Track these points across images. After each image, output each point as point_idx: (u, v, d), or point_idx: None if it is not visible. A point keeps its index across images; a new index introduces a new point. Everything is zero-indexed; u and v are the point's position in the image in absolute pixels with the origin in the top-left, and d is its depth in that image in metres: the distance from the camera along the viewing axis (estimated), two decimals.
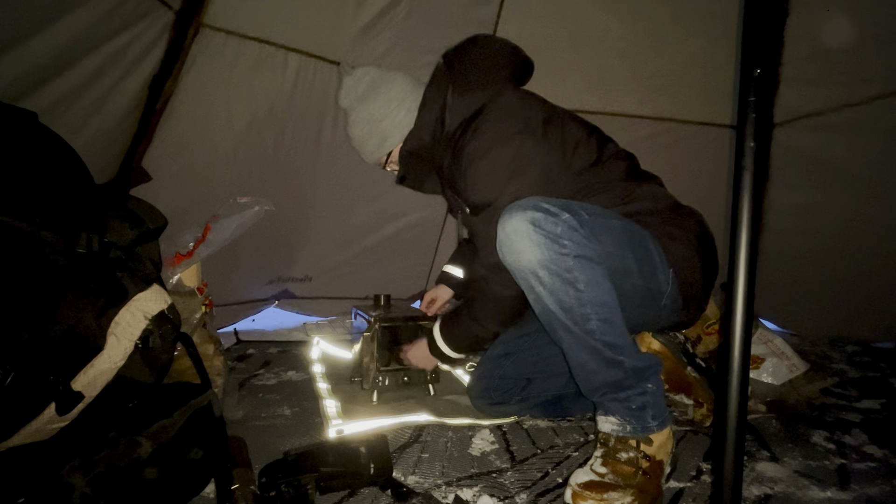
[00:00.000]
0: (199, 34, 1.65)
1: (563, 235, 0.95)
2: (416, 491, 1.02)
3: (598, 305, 0.97)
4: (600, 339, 0.97)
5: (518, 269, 0.99)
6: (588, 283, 0.96)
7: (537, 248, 0.95)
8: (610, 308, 0.98)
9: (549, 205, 0.97)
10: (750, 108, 0.65)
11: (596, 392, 1.02)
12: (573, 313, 0.97)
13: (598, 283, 0.97)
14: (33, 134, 0.99)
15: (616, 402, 1.00)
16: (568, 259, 0.95)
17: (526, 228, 0.95)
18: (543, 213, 0.96)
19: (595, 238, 0.99)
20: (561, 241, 0.95)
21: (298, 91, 1.94)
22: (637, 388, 0.99)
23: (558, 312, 0.98)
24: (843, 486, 1.09)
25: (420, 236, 2.57)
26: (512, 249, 0.98)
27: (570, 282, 0.95)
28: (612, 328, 0.98)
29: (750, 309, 0.65)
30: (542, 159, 1.16)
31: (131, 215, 1.03)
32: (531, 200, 0.99)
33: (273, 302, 2.42)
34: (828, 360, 2.09)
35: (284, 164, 2.09)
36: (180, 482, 0.93)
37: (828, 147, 2.16)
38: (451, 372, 1.77)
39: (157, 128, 1.72)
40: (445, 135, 1.26)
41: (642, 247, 1.08)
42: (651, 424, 0.99)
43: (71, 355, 0.89)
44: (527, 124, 1.18)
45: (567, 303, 0.96)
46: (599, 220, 1.03)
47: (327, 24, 1.85)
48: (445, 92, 1.25)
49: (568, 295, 0.96)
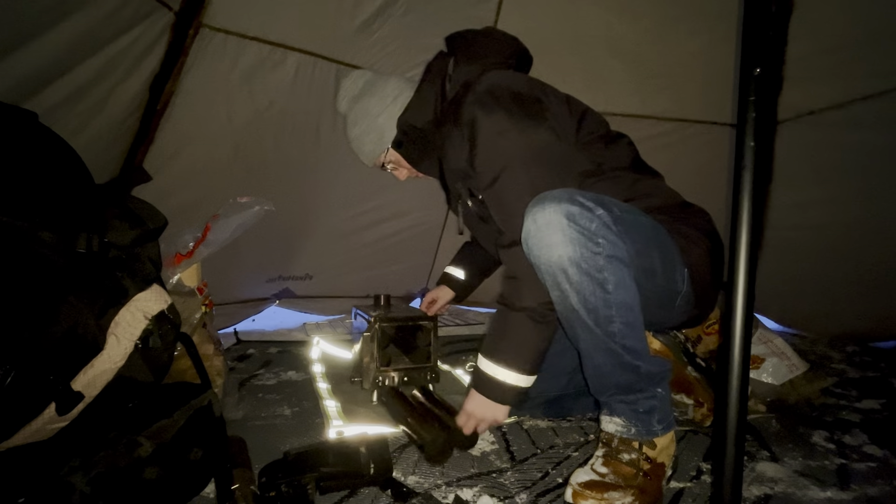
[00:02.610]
0: (198, 34, 1.65)
1: (598, 233, 0.91)
2: (415, 491, 1.02)
3: (623, 308, 0.94)
4: (620, 342, 0.95)
5: (546, 263, 0.94)
6: (617, 285, 0.92)
7: (570, 245, 0.90)
8: (634, 311, 0.95)
9: (584, 198, 0.93)
10: (750, 107, 0.64)
11: (605, 392, 1.01)
12: (597, 314, 0.93)
13: (627, 285, 0.94)
14: (33, 134, 0.99)
15: (623, 403, 0.99)
16: (600, 259, 0.91)
17: (559, 222, 0.90)
18: (579, 207, 0.91)
19: (627, 236, 0.95)
20: (595, 238, 0.91)
21: (298, 89, 1.94)
22: (647, 392, 0.98)
23: (582, 312, 0.94)
24: (844, 486, 1.09)
25: (421, 235, 2.57)
26: (542, 242, 0.93)
27: (599, 282, 0.92)
28: (633, 332, 0.96)
29: (750, 309, 0.65)
30: (552, 123, 1.10)
31: (131, 215, 1.03)
32: (565, 192, 0.93)
33: (274, 301, 2.42)
34: (828, 360, 2.09)
35: (284, 162, 2.09)
36: (180, 482, 0.93)
37: (831, 145, 2.16)
38: (451, 372, 1.77)
39: (158, 128, 1.72)
40: (445, 105, 1.22)
41: (666, 246, 1.05)
42: (656, 428, 0.99)
43: (71, 355, 0.89)
44: (531, 86, 1.15)
45: (593, 303, 0.93)
46: (631, 216, 1.00)
47: (325, 22, 1.85)
48: (446, 66, 1.24)
49: (595, 296, 0.92)
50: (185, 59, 1.65)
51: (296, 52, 1.87)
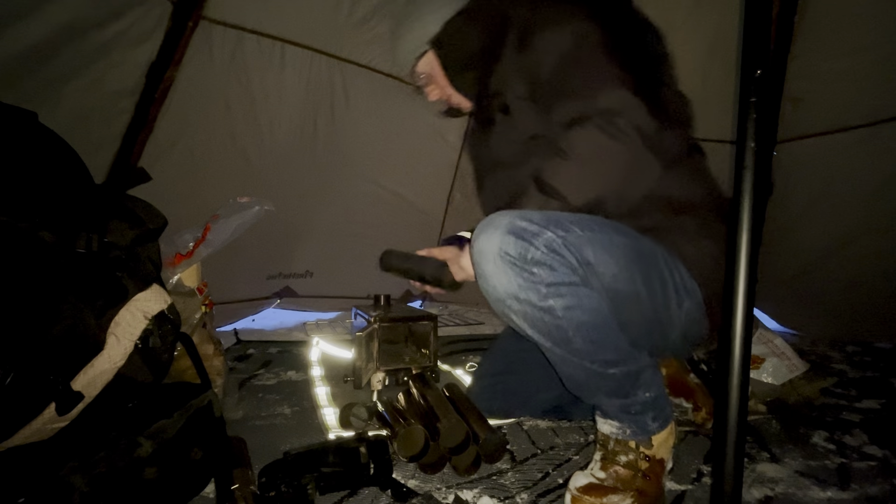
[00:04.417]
0: (198, 26, 1.66)
1: (537, 260, 0.86)
2: (416, 491, 1.02)
3: (582, 328, 0.90)
4: (587, 357, 0.92)
5: (487, 293, 0.92)
6: (568, 309, 0.88)
7: (503, 275, 0.87)
8: (597, 328, 0.91)
9: (527, 222, 0.88)
10: (750, 108, 0.64)
11: (592, 398, 1.00)
12: (553, 337, 0.91)
13: (584, 306, 0.89)
14: (33, 134, 0.99)
15: (614, 406, 0.97)
16: (541, 287, 0.87)
17: (492, 251, 0.87)
18: (515, 237, 0.86)
19: (584, 260, 0.89)
20: (530, 268, 0.86)
21: (297, 83, 1.95)
22: (635, 394, 0.96)
23: (537, 336, 0.92)
24: (844, 486, 1.09)
25: (420, 227, 2.58)
26: (479, 271, 0.91)
27: (544, 310, 0.88)
28: (600, 346, 0.92)
29: (750, 309, 0.65)
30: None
31: (131, 215, 1.03)
32: (506, 217, 0.89)
33: (275, 301, 2.41)
34: (828, 360, 2.09)
35: (282, 154, 2.10)
36: (180, 482, 0.93)
37: (831, 156, 2.17)
38: (451, 372, 1.77)
39: (157, 118, 1.73)
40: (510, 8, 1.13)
41: (652, 268, 0.97)
42: (651, 427, 0.97)
43: (71, 355, 0.89)
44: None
45: (544, 329, 0.90)
46: (599, 236, 0.92)
47: (323, 17, 1.86)
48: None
49: (544, 322, 0.89)
50: (184, 50, 1.66)
51: (293, 45, 1.88)
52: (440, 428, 1.07)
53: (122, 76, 1.60)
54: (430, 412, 1.17)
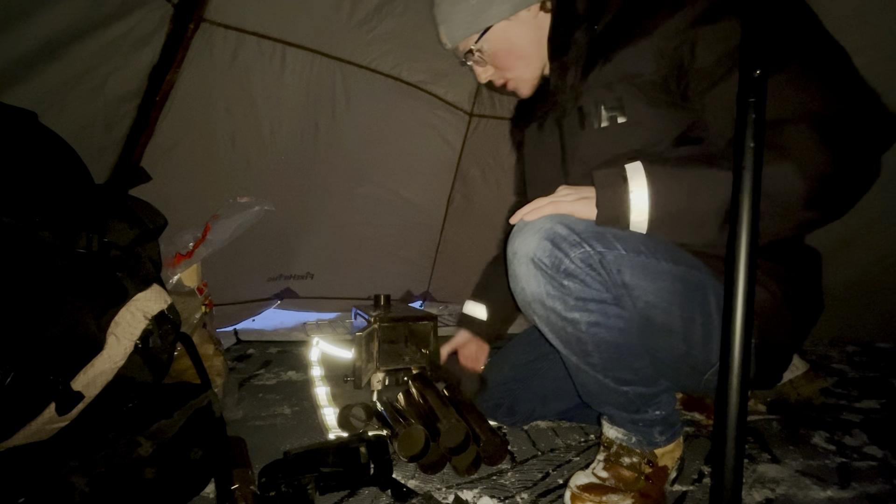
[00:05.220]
0: (199, 28, 1.66)
1: (570, 272, 0.83)
2: (416, 491, 1.02)
3: (603, 346, 0.87)
4: (603, 372, 0.90)
5: (514, 293, 0.91)
6: (593, 325, 0.86)
7: (533, 280, 0.86)
8: (619, 348, 0.88)
9: (568, 231, 0.83)
10: (750, 108, 0.64)
11: (601, 407, 0.98)
12: (572, 347, 0.90)
13: (611, 326, 0.86)
14: (33, 134, 0.99)
15: (622, 417, 0.96)
16: (569, 299, 0.84)
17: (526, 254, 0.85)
18: (551, 245, 0.82)
19: (620, 281, 0.84)
20: (561, 279, 0.83)
21: (297, 85, 1.95)
22: (645, 412, 0.94)
23: (556, 342, 0.92)
24: (844, 485, 1.09)
25: (420, 230, 2.57)
26: (511, 271, 0.90)
27: (569, 321, 0.86)
28: (618, 364, 0.90)
29: (750, 309, 0.65)
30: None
31: (131, 215, 1.03)
32: (548, 222, 0.84)
33: (275, 302, 2.42)
34: (828, 360, 2.09)
35: (282, 158, 2.10)
36: (180, 482, 0.93)
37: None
38: None
39: (158, 120, 1.73)
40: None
41: (695, 304, 0.88)
42: (657, 440, 0.95)
43: (71, 355, 0.89)
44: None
45: (564, 337, 0.89)
46: (644, 259, 0.84)
47: (324, 19, 1.86)
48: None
49: (566, 331, 0.88)
50: (185, 52, 1.66)
51: (294, 47, 1.88)
52: (440, 428, 1.07)
53: (124, 80, 1.60)
54: (430, 412, 1.17)
